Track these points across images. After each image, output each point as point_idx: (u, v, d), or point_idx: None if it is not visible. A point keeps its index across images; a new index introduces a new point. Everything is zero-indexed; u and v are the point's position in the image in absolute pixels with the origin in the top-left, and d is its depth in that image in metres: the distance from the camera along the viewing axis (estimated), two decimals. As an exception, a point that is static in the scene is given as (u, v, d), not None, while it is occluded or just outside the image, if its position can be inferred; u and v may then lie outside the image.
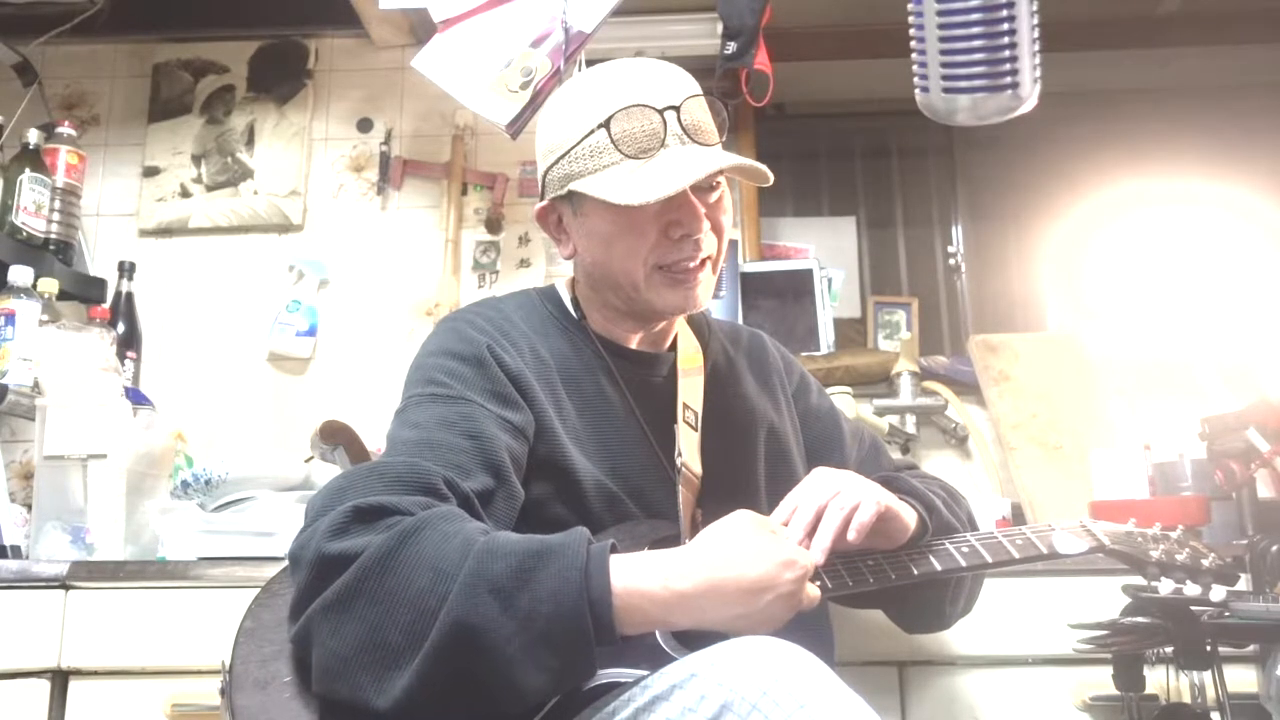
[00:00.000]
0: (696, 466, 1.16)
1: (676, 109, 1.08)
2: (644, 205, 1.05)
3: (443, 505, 0.94)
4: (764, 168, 1.10)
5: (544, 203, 1.17)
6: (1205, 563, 1.14)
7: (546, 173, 1.15)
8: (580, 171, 1.10)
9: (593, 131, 1.09)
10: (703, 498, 1.16)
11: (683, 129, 1.08)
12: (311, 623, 0.88)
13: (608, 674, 0.93)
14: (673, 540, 1.10)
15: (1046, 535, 1.10)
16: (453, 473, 0.97)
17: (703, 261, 1.12)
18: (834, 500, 1.02)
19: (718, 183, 1.13)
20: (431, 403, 1.06)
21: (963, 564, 1.06)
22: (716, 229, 1.13)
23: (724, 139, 1.14)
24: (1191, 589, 1.10)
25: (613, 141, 1.07)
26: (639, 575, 0.88)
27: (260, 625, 0.98)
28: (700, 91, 1.13)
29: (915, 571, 1.06)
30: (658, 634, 0.99)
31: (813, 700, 0.77)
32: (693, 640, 0.99)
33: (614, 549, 0.89)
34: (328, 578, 0.88)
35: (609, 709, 0.88)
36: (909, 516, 1.09)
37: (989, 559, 1.07)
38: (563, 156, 1.12)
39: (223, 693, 0.94)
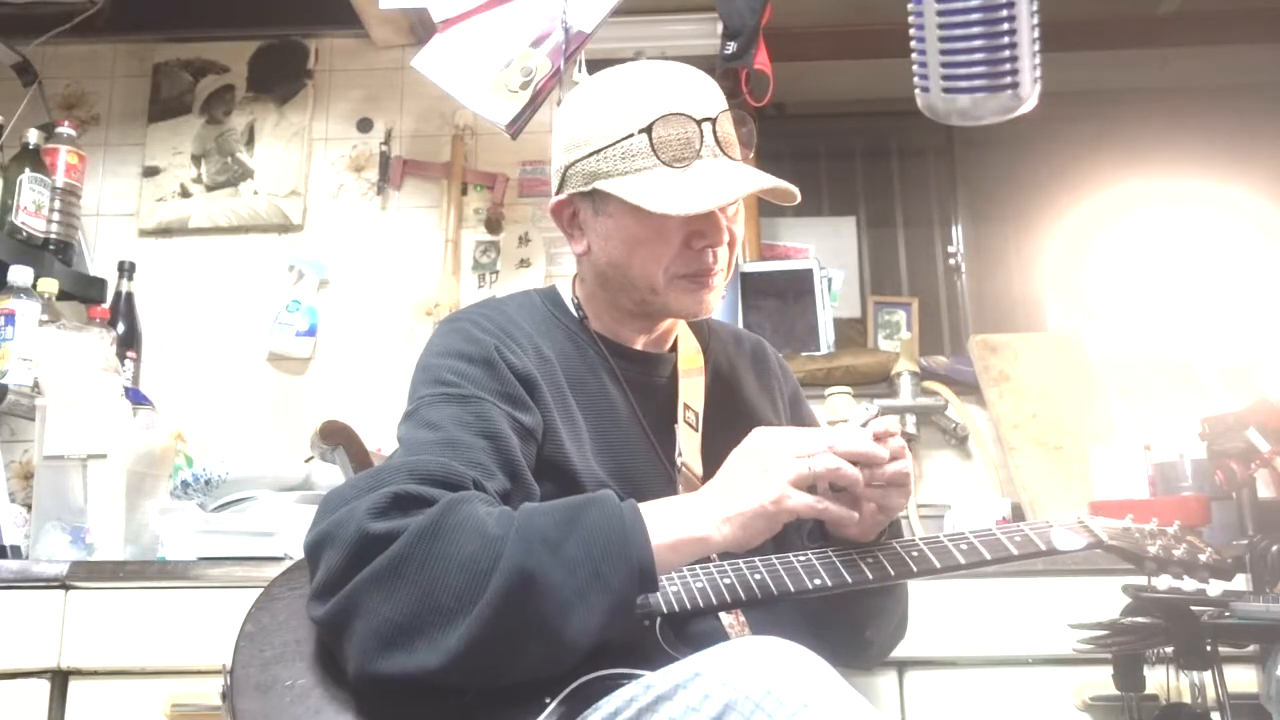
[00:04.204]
0: (697, 466, 1.16)
1: (713, 121, 1.09)
2: (671, 215, 1.06)
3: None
4: (794, 188, 1.11)
5: (561, 196, 1.16)
6: (1202, 558, 1.14)
7: (569, 167, 1.14)
8: (610, 171, 1.10)
9: (631, 135, 1.09)
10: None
11: (716, 141, 1.09)
12: (357, 594, 0.88)
13: (610, 674, 0.93)
14: None
15: (1045, 532, 1.10)
16: (478, 473, 0.99)
17: (718, 270, 1.13)
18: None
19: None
20: (445, 403, 1.05)
21: (962, 561, 1.05)
22: (731, 240, 1.14)
23: (751, 153, 1.14)
24: (1189, 584, 1.10)
25: (652, 147, 1.08)
26: (665, 510, 0.97)
27: (261, 629, 0.98)
28: (727, 105, 1.14)
29: (915, 569, 1.05)
30: (658, 634, 0.99)
31: (816, 699, 0.77)
32: (694, 640, 0.99)
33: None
34: (370, 555, 0.89)
35: (612, 708, 0.88)
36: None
37: (987, 556, 1.06)
38: (592, 154, 1.11)
39: (224, 697, 0.93)
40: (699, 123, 1.08)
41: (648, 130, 1.08)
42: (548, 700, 0.91)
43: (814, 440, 0.99)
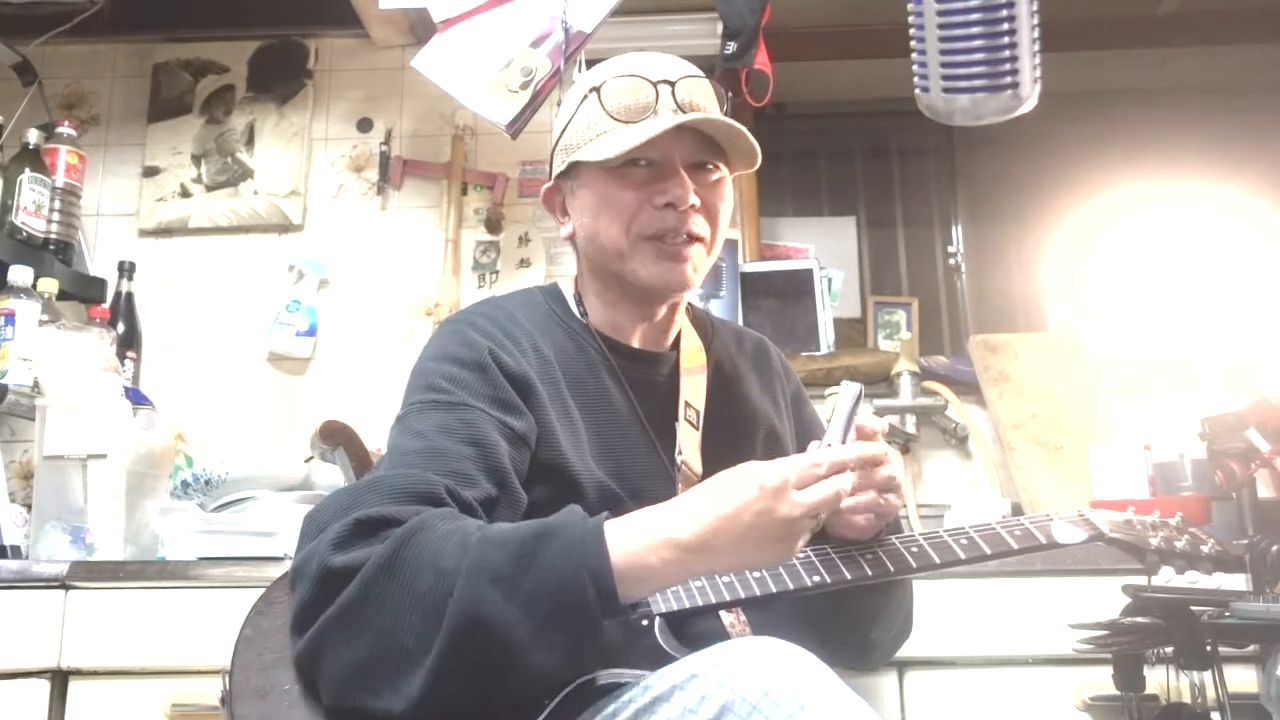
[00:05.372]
0: (697, 465, 1.16)
1: (671, 84, 1.10)
2: (631, 172, 1.08)
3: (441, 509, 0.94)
4: (750, 137, 1.10)
5: (550, 183, 1.20)
6: (1204, 549, 1.13)
7: (554, 153, 1.18)
8: (577, 144, 1.13)
9: (585, 98, 1.12)
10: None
11: (676, 102, 1.09)
12: (322, 636, 0.89)
13: (608, 674, 0.93)
14: None
15: (1045, 525, 1.09)
16: (454, 481, 0.97)
17: (690, 239, 1.11)
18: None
19: (716, 165, 1.13)
20: (433, 410, 1.05)
21: (961, 556, 1.05)
22: (710, 211, 1.13)
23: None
24: (1192, 576, 1.10)
25: (604, 109, 1.10)
26: (636, 538, 0.88)
27: (259, 633, 0.98)
28: (702, 75, 1.14)
29: (914, 565, 1.05)
30: (658, 634, 0.99)
31: (813, 701, 0.77)
32: (694, 641, 0.99)
33: (609, 517, 0.90)
34: (334, 590, 0.88)
35: (609, 710, 0.88)
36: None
37: (987, 550, 1.05)
38: (563, 131, 1.15)
39: (223, 701, 0.93)
40: (655, 84, 1.09)
41: (598, 89, 1.10)
42: (546, 701, 0.91)
43: (807, 467, 0.91)
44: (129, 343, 2.12)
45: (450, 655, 0.84)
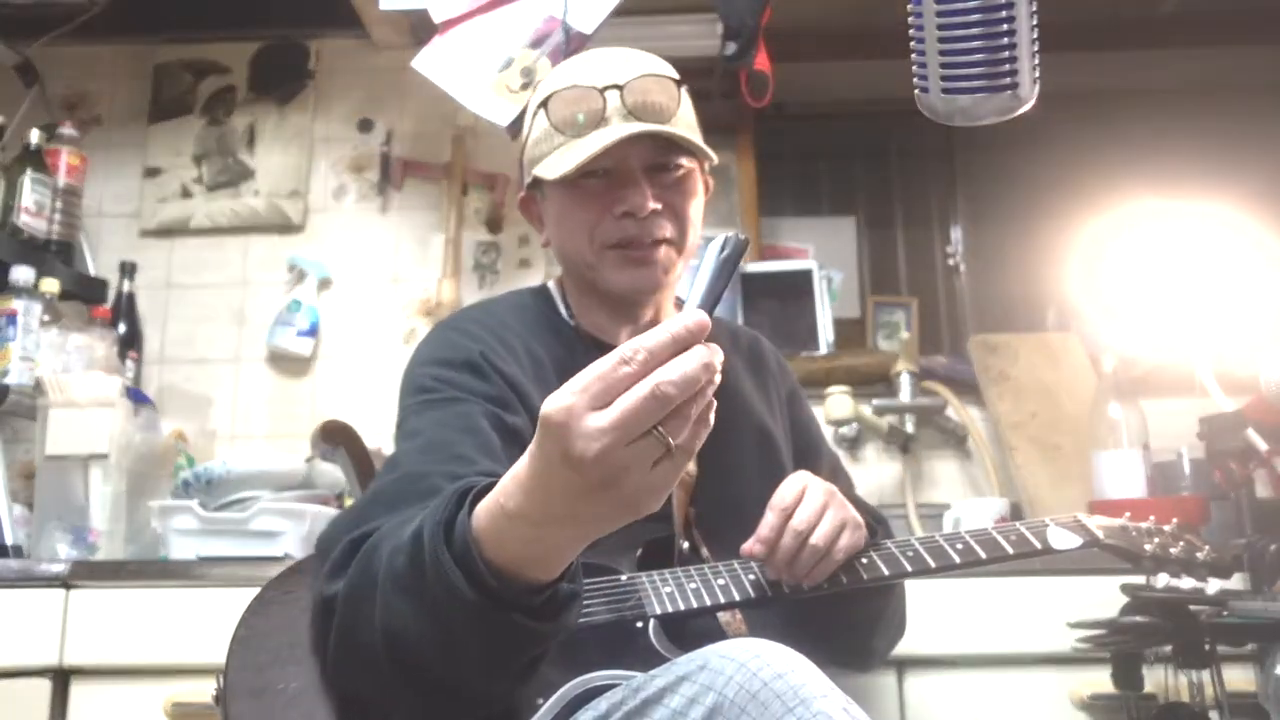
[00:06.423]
0: (691, 466, 1.16)
1: (620, 88, 1.08)
2: (588, 184, 1.08)
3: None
4: (703, 145, 1.10)
5: (522, 193, 1.21)
6: (1200, 556, 1.14)
7: (523, 164, 1.19)
8: (538, 157, 1.13)
9: (536, 113, 1.13)
10: (696, 497, 1.16)
11: (627, 107, 1.08)
12: (336, 669, 0.89)
13: (600, 676, 0.93)
14: (666, 541, 1.10)
15: (1041, 531, 1.10)
16: (454, 465, 0.96)
17: (658, 242, 1.10)
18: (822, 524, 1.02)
19: (678, 164, 1.11)
20: (428, 408, 1.05)
21: (957, 560, 1.06)
22: (674, 211, 1.11)
23: (695, 119, 1.15)
24: (1186, 582, 1.10)
25: (552, 124, 1.09)
26: (489, 511, 0.73)
27: (254, 633, 0.98)
28: (663, 72, 1.12)
29: (909, 569, 1.05)
30: (652, 636, 0.99)
31: (802, 703, 0.76)
32: (691, 641, 0.99)
33: (484, 490, 0.75)
34: (329, 622, 0.88)
35: (600, 711, 0.87)
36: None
37: (983, 555, 1.06)
38: (525, 144, 1.16)
39: (216, 700, 0.93)
40: (602, 91, 1.08)
41: (544, 105, 1.10)
42: (540, 701, 0.91)
43: (606, 371, 0.64)
44: (130, 343, 2.13)
45: (396, 676, 0.80)
